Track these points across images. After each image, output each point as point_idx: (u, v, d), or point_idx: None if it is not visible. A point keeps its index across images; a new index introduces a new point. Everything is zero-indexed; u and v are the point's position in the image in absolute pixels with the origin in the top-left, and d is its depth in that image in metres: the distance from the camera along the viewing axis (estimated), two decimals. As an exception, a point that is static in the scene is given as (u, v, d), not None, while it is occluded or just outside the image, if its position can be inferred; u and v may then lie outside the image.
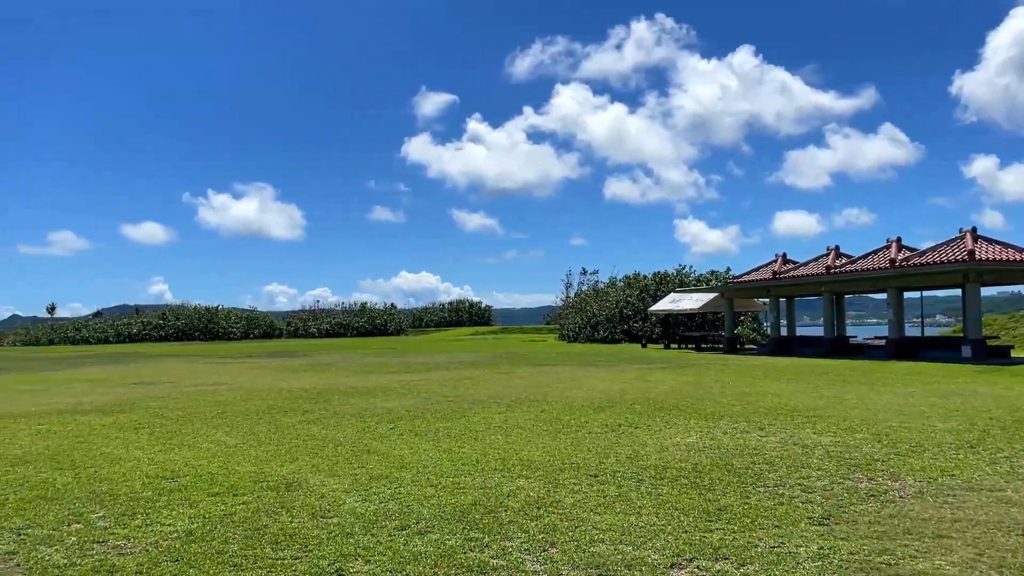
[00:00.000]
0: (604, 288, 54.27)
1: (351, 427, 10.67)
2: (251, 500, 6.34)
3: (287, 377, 21.16)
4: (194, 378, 21.33)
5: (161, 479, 7.26)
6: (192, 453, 8.73)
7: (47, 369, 27.23)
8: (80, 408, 13.68)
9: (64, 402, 14.84)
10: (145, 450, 8.98)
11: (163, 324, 74.58)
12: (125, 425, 11.21)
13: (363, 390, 16.52)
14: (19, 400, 15.41)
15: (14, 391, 17.83)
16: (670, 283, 48.37)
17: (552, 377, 19.44)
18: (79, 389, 18.05)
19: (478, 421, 11.09)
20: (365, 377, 20.62)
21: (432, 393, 15.63)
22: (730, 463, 7.70)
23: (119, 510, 6.04)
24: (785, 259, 33.47)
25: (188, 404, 14.10)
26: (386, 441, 9.36)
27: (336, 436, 9.83)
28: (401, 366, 25.27)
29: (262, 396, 15.46)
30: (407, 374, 21.51)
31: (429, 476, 7.20)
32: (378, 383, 18.36)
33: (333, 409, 12.97)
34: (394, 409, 12.82)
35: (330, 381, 19.33)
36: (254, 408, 13.28)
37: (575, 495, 6.36)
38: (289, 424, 11.10)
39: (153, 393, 16.61)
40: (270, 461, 8.14)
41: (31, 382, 20.76)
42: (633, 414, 11.69)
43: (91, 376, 22.95)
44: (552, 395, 14.77)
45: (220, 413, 12.59)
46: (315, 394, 15.73)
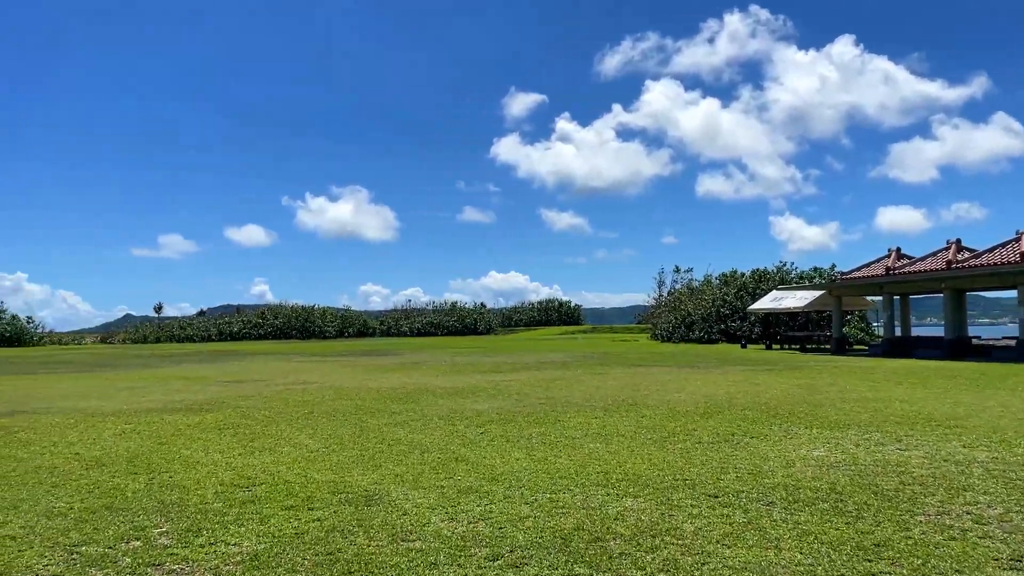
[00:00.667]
0: (699, 286, 52.42)
1: (439, 431, 10.00)
2: (327, 516, 5.68)
3: (377, 376, 20.83)
4: (285, 376, 21.27)
5: (235, 487, 6.71)
6: (272, 458, 8.21)
7: (149, 366, 27.92)
8: (169, 407, 13.55)
9: (156, 400, 14.79)
10: (224, 453, 8.53)
11: (262, 323, 76.69)
12: (209, 426, 10.88)
13: (452, 391, 15.91)
14: (115, 398, 15.49)
15: (113, 388, 18.07)
16: (769, 281, 46.21)
17: (649, 379, 18.37)
18: (174, 387, 18.15)
19: (574, 427, 10.23)
20: (455, 377, 20.06)
21: (523, 395, 14.86)
22: (874, 483, 6.58)
23: (184, 525, 5.48)
24: (899, 254, 31.19)
25: (276, 404, 13.79)
26: (475, 448, 8.62)
27: (423, 441, 9.16)
28: (491, 366, 24.65)
29: (350, 396, 15.04)
30: (497, 374, 20.84)
31: (523, 491, 6.40)
32: (468, 383, 17.73)
33: (421, 411, 12.36)
34: (484, 412, 12.10)
35: (419, 381, 18.84)
36: (341, 409, 12.81)
37: (695, 521, 5.43)
38: (375, 426, 10.52)
39: (243, 392, 16.47)
40: (351, 469, 7.51)
41: (131, 379, 21.13)
42: (745, 421, 10.58)
43: (188, 374, 23.27)
44: (652, 398, 13.76)
45: (306, 414, 12.16)
46: (404, 394, 15.21)
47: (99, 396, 15.78)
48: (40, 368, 27.55)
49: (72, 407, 13.56)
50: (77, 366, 28.72)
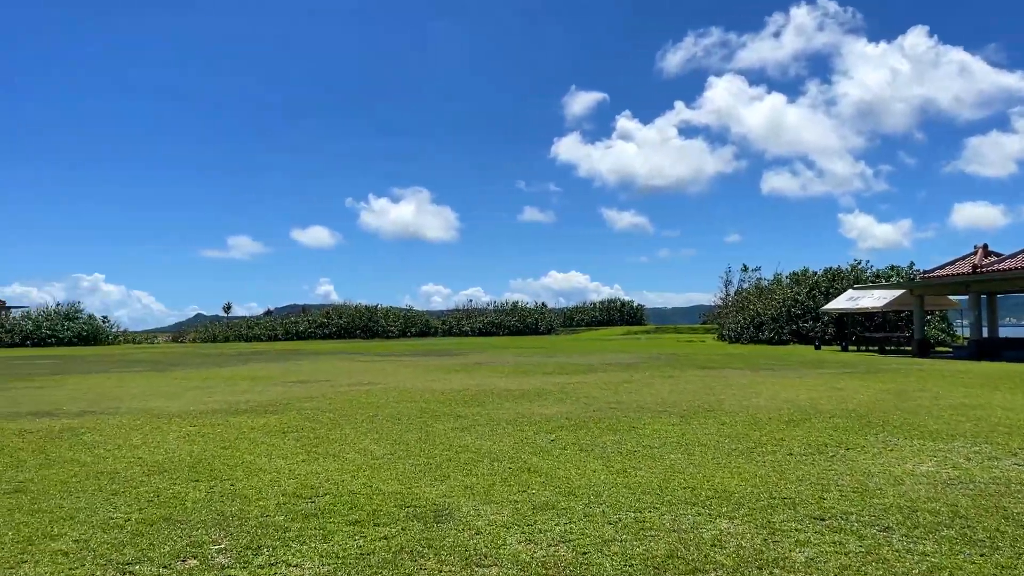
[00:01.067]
0: (768, 285, 50.87)
1: (508, 437, 9.53)
2: (394, 534, 5.26)
3: (440, 377, 20.53)
4: (350, 377, 21.15)
5: (298, 498, 6.36)
6: (336, 465, 7.86)
7: (217, 365, 28.26)
8: (235, 408, 13.43)
9: (222, 401, 14.73)
10: (288, 459, 8.22)
11: (327, 322, 77.66)
12: (274, 429, 10.64)
13: (518, 393, 15.44)
14: (182, 398, 15.50)
15: (181, 388, 18.17)
16: (843, 280, 44.51)
17: (723, 382, 17.58)
18: (240, 387, 18.15)
19: (650, 434, 9.64)
20: (519, 378, 19.60)
21: (592, 398, 14.30)
22: (1000, 505, 5.85)
23: (244, 541, 5.13)
24: (987, 251, 29.50)
25: (340, 406, 13.54)
26: (548, 457, 8.12)
27: (492, 448, 8.71)
28: (556, 367, 24.12)
29: (415, 398, 14.72)
30: (562, 376, 20.31)
31: (604, 508, 5.87)
32: (533, 385, 17.25)
33: (488, 415, 11.93)
34: (553, 416, 11.60)
35: (483, 382, 18.45)
36: (406, 412, 12.47)
37: (804, 548, 4.82)
38: (441, 432, 10.12)
39: (308, 392, 16.32)
40: (419, 478, 7.10)
41: (199, 379, 21.29)
42: (836, 431, 9.83)
43: (254, 373, 23.38)
44: (729, 403, 13.04)
45: (371, 417, 11.85)
46: (469, 396, 14.81)
47: (167, 396, 15.83)
48: (113, 367, 28.15)
49: (140, 408, 13.57)
50: (148, 365, 29.28)
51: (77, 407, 13.78)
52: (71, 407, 13.79)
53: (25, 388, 18.38)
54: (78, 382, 20.24)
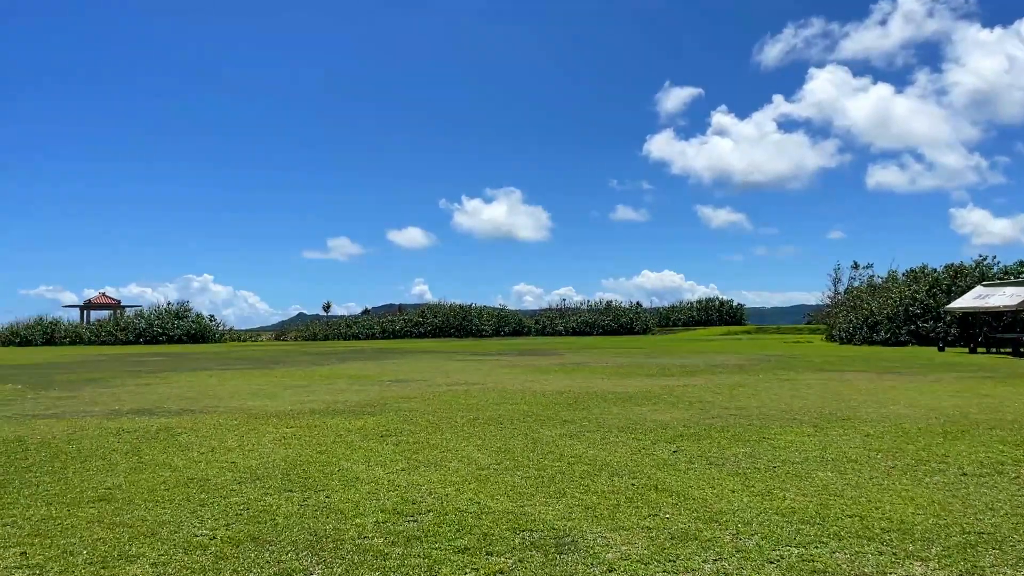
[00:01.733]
0: (882, 283, 47.87)
1: (623, 447, 8.62)
2: (511, 566, 4.46)
3: (538, 378, 19.75)
4: (447, 376, 20.64)
5: (399, 516, 5.66)
6: (438, 475, 7.15)
7: (316, 364, 28.40)
8: (333, 408, 13.00)
9: (320, 400, 14.37)
10: (387, 467, 7.57)
11: (422, 321, 78.34)
12: (372, 432, 10.06)
13: (623, 396, 14.48)
14: (280, 397, 15.26)
15: (281, 386, 18.03)
16: (967, 277, 41.31)
17: (849, 386, 16.11)
18: (338, 386, 17.87)
19: (785, 447, 8.54)
20: (621, 380, 18.61)
21: (706, 403, 13.20)
22: None
23: (339, 569, 4.43)
24: None
25: (439, 407, 12.93)
26: (674, 472, 7.17)
27: (608, 460, 7.82)
28: (658, 368, 22.97)
29: (515, 399, 13.97)
30: (667, 378, 19.19)
31: (758, 541, 4.90)
32: (638, 388, 16.24)
33: (596, 419, 11.04)
34: (668, 423, 10.61)
35: (585, 383, 17.55)
36: (508, 415, 11.73)
37: (1041, 610, 3.74)
38: (548, 438, 9.30)
39: (406, 392, 15.83)
40: (531, 494, 6.29)
41: (298, 377, 21.23)
42: (1006, 445, 8.48)
43: (352, 372, 23.22)
44: (864, 411, 11.72)
45: (471, 420, 11.15)
46: (572, 399, 13.96)
47: (266, 395, 15.63)
48: (217, 364, 28.67)
49: (238, 407, 13.32)
50: (251, 362, 29.71)
51: (177, 405, 13.67)
52: (171, 405, 13.69)
53: (132, 386, 18.64)
54: (181, 380, 20.47)
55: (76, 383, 19.36)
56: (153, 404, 13.82)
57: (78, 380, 20.48)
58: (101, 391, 16.91)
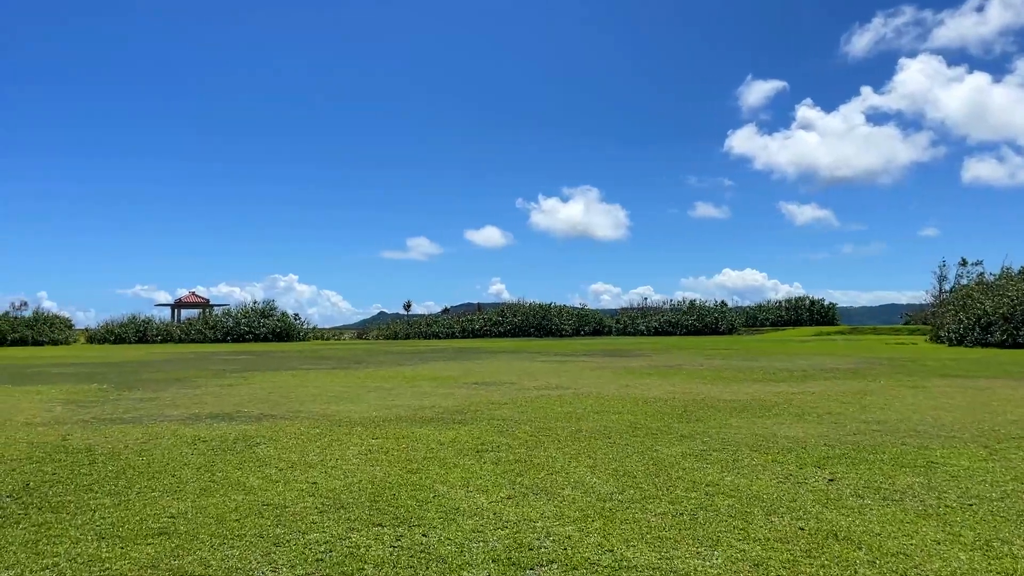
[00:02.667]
0: (996, 281, 44.42)
1: (764, 472, 7.27)
2: (684, 664, 3.23)
3: (633, 381, 18.40)
4: (535, 379, 19.50)
5: (515, 567, 4.51)
6: (552, 507, 5.98)
7: (398, 364, 27.72)
8: (420, 415, 12.01)
9: (406, 405, 13.42)
10: (490, 494, 6.44)
11: (502, 320, 77.66)
12: (466, 446, 8.97)
13: (737, 405, 13.02)
14: (364, 400, 14.39)
15: (364, 388, 17.23)
16: (1096, 273, 37.82)
17: (991, 395, 14.19)
18: (422, 388, 16.94)
19: (964, 474, 7.02)
20: (725, 385, 17.09)
21: (836, 414, 11.65)
22: None
23: (450, 660, 3.30)
24: None
25: (534, 415, 11.78)
26: (846, 511, 5.79)
27: (754, 491, 6.49)
28: (762, 372, 21.26)
29: (616, 407, 12.71)
30: (777, 383, 17.55)
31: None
32: (748, 394, 14.73)
33: (717, 434, 9.68)
34: (805, 441, 9.16)
35: (686, 388, 16.13)
36: (614, 426, 10.48)
37: None
38: (670, 459, 8.01)
39: (494, 397, 14.75)
40: (675, 540, 5.05)
41: (382, 378, 20.46)
42: None
43: (435, 373, 22.34)
44: (1037, 429, 9.98)
45: (574, 433, 9.95)
46: (679, 407, 12.60)
47: (349, 398, 14.80)
48: (301, 363, 28.32)
49: (320, 412, 12.48)
50: (334, 361, 29.29)
51: (258, 409, 12.94)
52: (252, 408, 12.97)
53: (215, 386, 18.18)
54: (264, 380, 19.96)
55: (161, 383, 19.05)
56: (234, 408, 13.13)
57: (164, 379, 20.22)
58: (184, 392, 16.43)
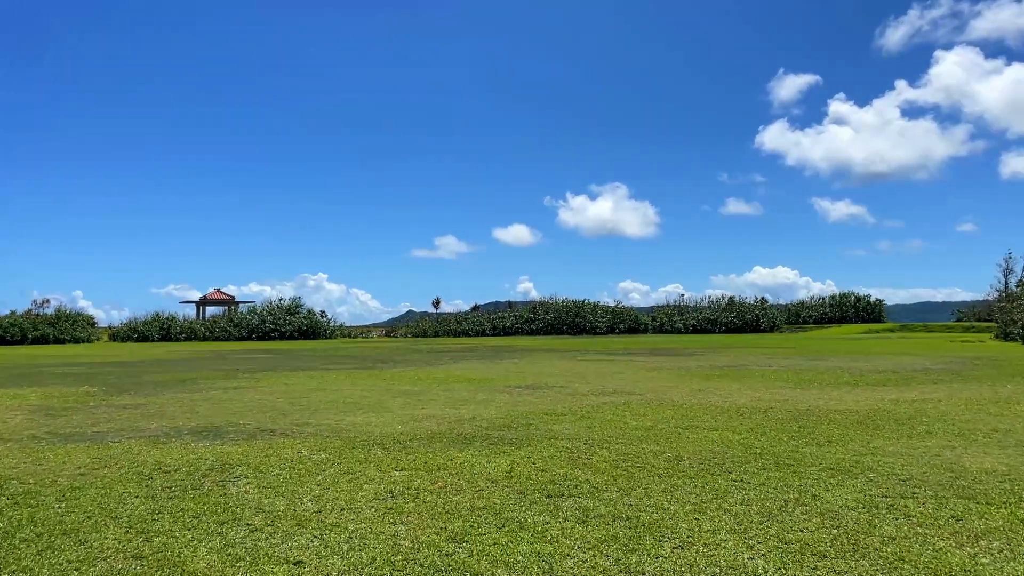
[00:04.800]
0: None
1: (995, 537, 4.57)
2: None
3: (703, 385, 15.68)
4: (586, 381, 16.85)
5: None
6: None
7: (429, 363, 25.21)
8: (458, 430, 9.42)
9: (439, 416, 10.86)
10: None
11: (534, 317, 75.10)
12: (529, 484, 6.36)
13: (856, 416, 10.29)
14: (388, 408, 11.86)
15: (389, 393, 14.72)
16: None
17: None
18: (457, 394, 14.38)
19: None
20: (819, 390, 14.33)
21: (1005, 431, 8.88)
22: None
23: None
24: None
25: (607, 432, 9.14)
26: None
27: None
28: (849, 374, 18.40)
29: (705, 419, 10.03)
30: (876, 387, 14.74)
31: None
32: (858, 402, 11.97)
33: (874, 464, 6.98)
34: (1010, 477, 6.43)
35: (775, 395, 13.40)
36: (721, 450, 7.81)
37: None
38: (845, 512, 5.33)
39: (546, 404, 12.14)
40: None
41: (410, 380, 17.94)
42: None
43: (470, 374, 19.78)
44: None
45: (672, 461, 7.30)
46: (787, 421, 9.89)
47: (370, 405, 12.29)
48: (323, 363, 25.95)
49: (332, 425, 9.96)
50: (358, 361, 26.89)
51: (256, 421, 10.46)
52: (249, 420, 10.48)
53: (219, 390, 15.79)
54: (278, 382, 17.55)
55: (160, 385, 16.72)
56: (227, 419, 10.66)
57: (166, 381, 17.91)
58: (179, 397, 14.04)
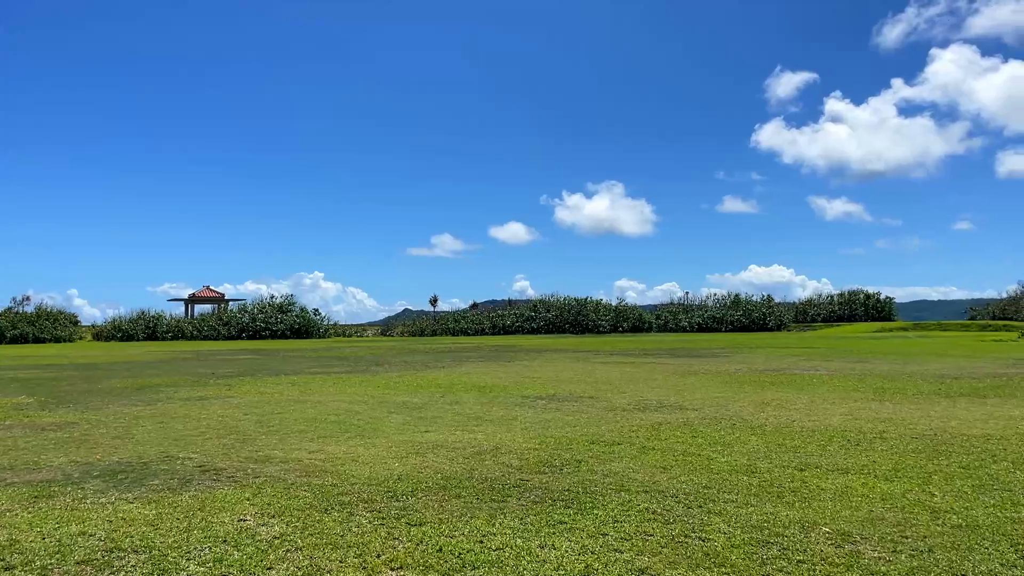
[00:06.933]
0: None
1: None
2: None
3: (764, 395, 13.10)
4: (618, 390, 14.24)
5: None
6: None
7: (428, 366, 22.55)
8: (480, 472, 6.80)
9: (448, 444, 8.23)
10: None
11: (534, 316, 72.55)
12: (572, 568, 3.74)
13: (984, 439, 7.69)
14: (381, 430, 9.23)
15: (383, 405, 12.11)
16: None
17: None
18: (468, 408, 11.77)
19: None
20: (915, 405, 11.77)
21: None
22: None
23: None
24: None
25: (698, 482, 6.52)
26: None
27: None
28: (927, 382, 15.81)
29: (816, 450, 7.44)
30: (978, 399, 12.18)
31: None
32: (987, 423, 9.39)
33: None
34: None
35: (870, 411, 10.86)
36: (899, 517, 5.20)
37: None
38: None
39: (587, 426, 9.53)
40: None
41: (407, 388, 15.32)
42: None
43: (478, 379, 17.14)
44: None
45: (838, 542, 4.68)
46: (942, 457, 7.30)
47: (359, 426, 9.66)
48: (312, 365, 23.29)
49: (305, 461, 7.32)
50: (351, 363, 24.24)
51: (204, 452, 7.81)
52: (195, 451, 7.83)
53: (178, 401, 13.15)
54: (252, 391, 14.91)
55: (113, 394, 14.08)
56: (166, 449, 8.00)
57: (122, 389, 15.27)
58: (125, 411, 11.41)
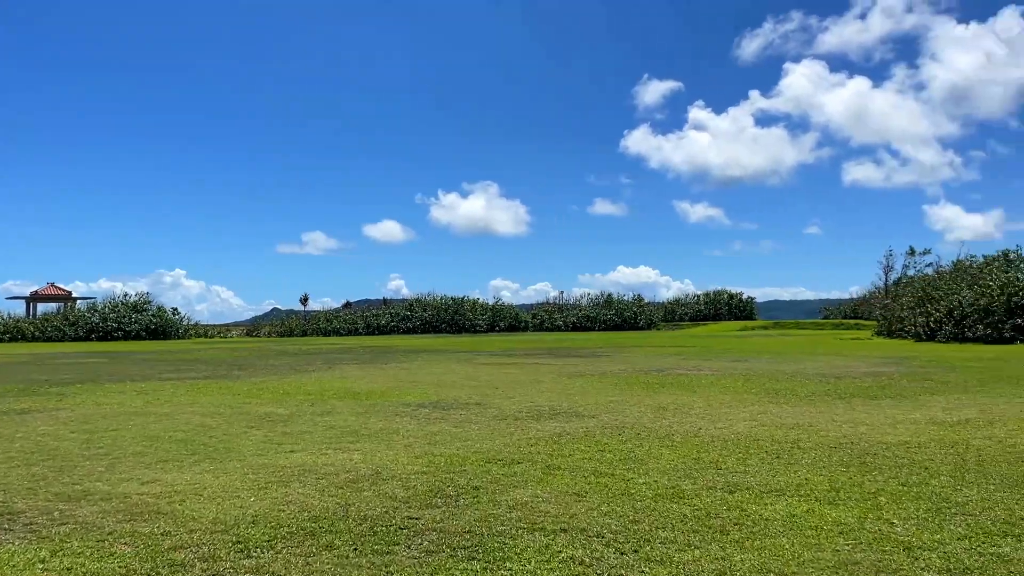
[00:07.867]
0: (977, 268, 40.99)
1: None
2: None
3: (658, 399, 12.38)
4: (506, 395, 13.17)
5: None
6: None
7: (296, 369, 20.72)
8: (359, 511, 5.49)
9: (318, 470, 6.84)
10: None
11: (410, 315, 70.77)
12: None
13: (944, 455, 7.14)
14: (237, 453, 7.71)
15: (240, 419, 10.48)
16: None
17: None
18: (342, 421, 10.35)
19: None
20: (815, 408, 11.34)
21: None
22: None
23: None
24: None
25: (621, 513, 5.48)
26: None
27: None
28: (816, 383, 15.66)
29: (737, 466, 6.59)
30: (874, 402, 11.95)
31: None
32: (905, 430, 8.94)
33: None
34: None
35: (774, 416, 10.29)
36: (867, 556, 4.29)
37: None
38: None
39: (480, 441, 8.36)
40: None
41: (271, 397, 13.64)
42: None
43: (353, 385, 15.63)
44: None
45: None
46: (877, 472, 6.61)
47: (209, 447, 8.08)
48: (165, 370, 20.92)
49: (134, 499, 5.77)
50: (210, 367, 22.00)
51: (4, 487, 6.08)
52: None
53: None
54: (90, 400, 12.82)
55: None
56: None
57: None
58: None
